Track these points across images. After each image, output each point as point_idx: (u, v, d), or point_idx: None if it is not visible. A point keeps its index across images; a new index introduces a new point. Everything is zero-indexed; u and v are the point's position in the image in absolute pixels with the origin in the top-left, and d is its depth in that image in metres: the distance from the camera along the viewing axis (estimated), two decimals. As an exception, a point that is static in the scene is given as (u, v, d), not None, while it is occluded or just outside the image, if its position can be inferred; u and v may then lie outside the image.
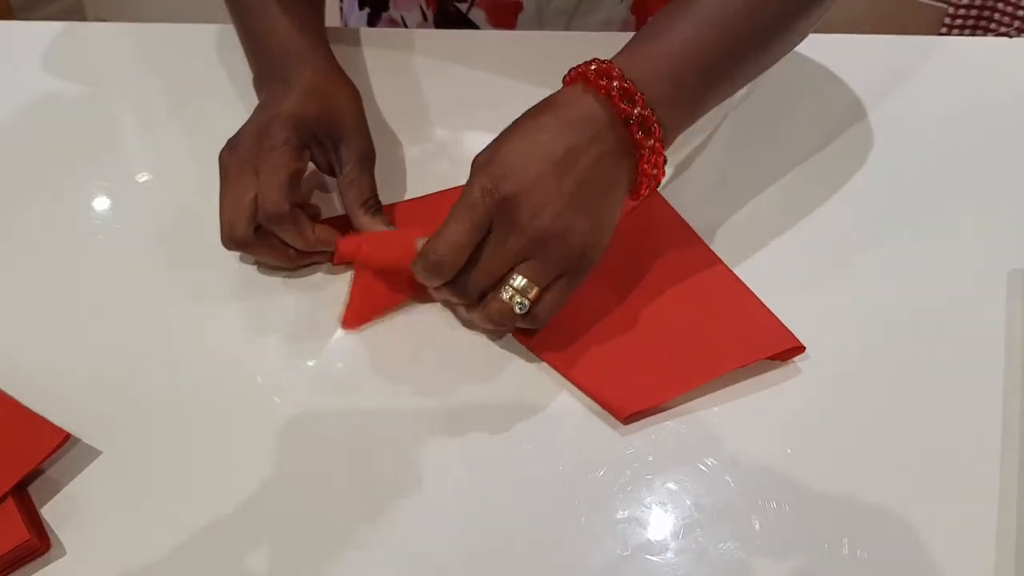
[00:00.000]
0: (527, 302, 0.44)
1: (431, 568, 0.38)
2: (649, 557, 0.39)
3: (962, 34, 1.91)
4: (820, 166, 0.60)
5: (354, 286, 0.50)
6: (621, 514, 0.40)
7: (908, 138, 0.63)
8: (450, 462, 0.42)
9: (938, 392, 0.46)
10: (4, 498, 0.39)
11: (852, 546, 0.39)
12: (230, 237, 0.48)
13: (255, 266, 0.52)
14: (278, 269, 0.51)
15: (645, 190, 0.48)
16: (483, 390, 0.46)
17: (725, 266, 0.52)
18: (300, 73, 0.52)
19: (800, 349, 0.47)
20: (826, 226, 0.56)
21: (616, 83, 0.45)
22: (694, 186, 0.58)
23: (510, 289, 0.44)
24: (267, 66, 0.55)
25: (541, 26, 0.77)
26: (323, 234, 0.50)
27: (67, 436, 0.41)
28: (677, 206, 0.56)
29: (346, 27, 0.84)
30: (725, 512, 0.40)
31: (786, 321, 0.48)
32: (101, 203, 0.57)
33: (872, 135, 0.63)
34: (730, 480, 0.42)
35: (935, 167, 0.61)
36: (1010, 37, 0.76)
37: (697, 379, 0.45)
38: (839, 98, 0.67)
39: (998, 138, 0.63)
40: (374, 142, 0.54)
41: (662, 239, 0.53)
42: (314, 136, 0.51)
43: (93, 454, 0.42)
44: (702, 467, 0.42)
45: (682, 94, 0.48)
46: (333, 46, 0.58)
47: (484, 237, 0.44)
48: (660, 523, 0.40)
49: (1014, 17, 1.83)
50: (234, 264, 0.52)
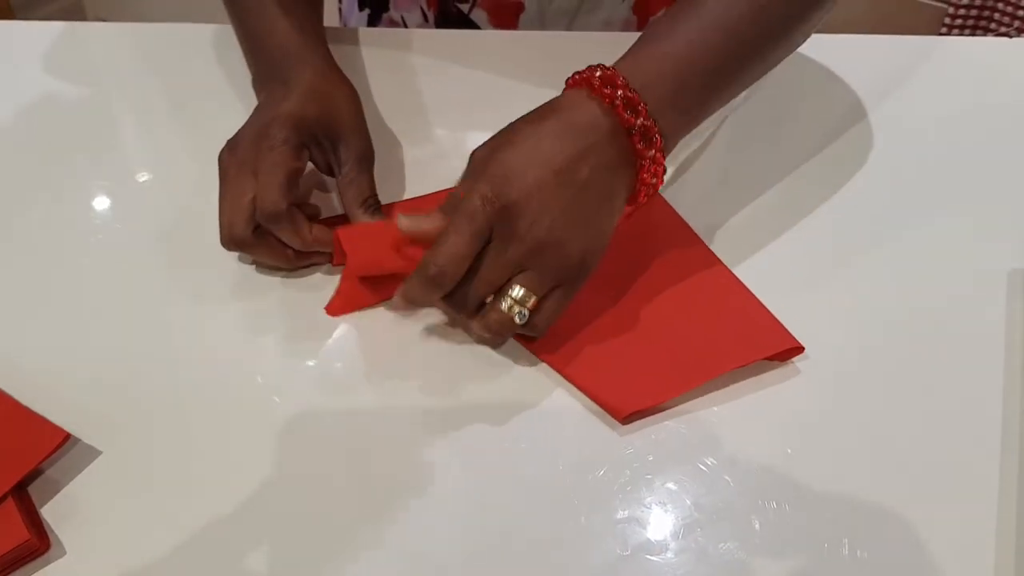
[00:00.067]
0: (526, 312, 0.44)
1: (431, 568, 0.38)
2: (649, 557, 0.39)
3: (962, 34, 1.91)
4: (820, 166, 0.60)
5: (345, 272, 0.50)
6: (621, 514, 0.40)
7: (908, 138, 0.63)
8: (450, 462, 0.42)
9: (938, 392, 0.46)
10: (4, 498, 0.39)
11: (852, 546, 0.39)
12: (229, 237, 0.48)
13: (255, 266, 0.52)
14: (277, 269, 0.51)
15: (643, 198, 0.48)
16: (483, 390, 0.46)
17: (724, 266, 0.52)
18: (299, 74, 0.52)
19: (799, 349, 0.47)
20: (826, 226, 0.56)
21: (620, 92, 0.45)
22: (694, 186, 0.58)
23: (509, 299, 0.44)
24: (266, 67, 0.55)
25: (543, 26, 0.77)
26: (320, 234, 0.50)
27: (67, 436, 0.41)
28: (677, 206, 0.56)
29: (346, 27, 0.84)
30: (725, 512, 0.40)
31: (786, 321, 0.48)
32: (101, 203, 0.57)
33: (872, 135, 0.63)
34: (730, 480, 0.42)
35: (935, 167, 0.61)
36: (1010, 37, 0.76)
37: (696, 379, 0.45)
38: (839, 98, 0.67)
39: (998, 138, 0.63)
40: (375, 142, 0.54)
41: (662, 239, 0.53)
42: (313, 136, 0.51)
43: (93, 454, 0.42)
44: (702, 467, 0.42)
45: (684, 102, 0.48)
46: (334, 46, 0.58)
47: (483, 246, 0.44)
48: (660, 523, 0.40)
49: (1014, 17, 1.83)
50: (234, 264, 0.52)
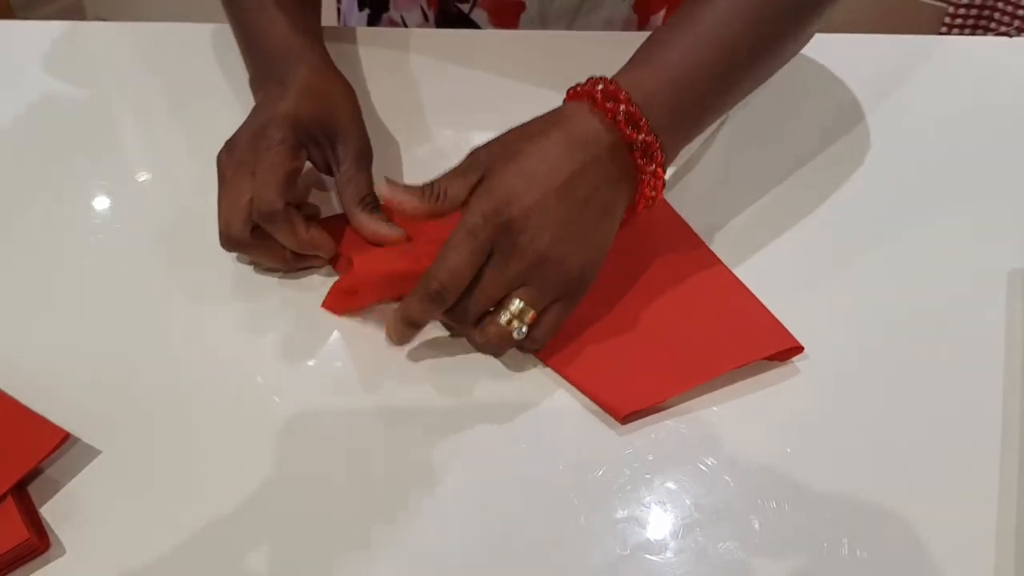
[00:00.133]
0: (525, 327, 0.45)
1: (431, 567, 0.38)
2: (648, 557, 0.39)
3: (962, 33, 1.91)
4: (820, 166, 0.60)
5: (346, 274, 0.49)
6: (620, 514, 0.40)
7: (908, 138, 0.63)
8: (449, 462, 0.42)
9: (938, 392, 0.46)
10: (4, 497, 0.39)
11: (852, 546, 0.39)
12: (227, 237, 0.48)
13: (255, 266, 0.52)
14: (277, 270, 0.51)
15: (642, 210, 0.48)
16: (482, 390, 0.46)
17: (724, 266, 0.52)
18: (296, 73, 0.52)
19: (799, 349, 0.47)
20: (826, 226, 0.56)
21: (623, 107, 0.45)
22: (695, 186, 0.58)
23: (507, 313, 0.44)
24: (263, 66, 0.55)
25: (543, 26, 0.77)
26: (316, 236, 0.49)
27: (67, 435, 0.41)
28: (677, 206, 0.56)
29: (346, 27, 0.84)
30: (724, 512, 0.40)
31: (786, 321, 0.48)
32: (101, 203, 0.57)
33: (872, 135, 0.63)
34: (729, 480, 0.42)
35: (935, 167, 0.61)
36: (1010, 37, 0.76)
37: (695, 379, 0.45)
38: (839, 98, 0.67)
39: (998, 138, 0.63)
40: (374, 142, 0.54)
41: (661, 239, 0.53)
42: (311, 136, 0.51)
43: (93, 453, 0.42)
44: (701, 467, 0.42)
45: (684, 116, 0.48)
46: (334, 46, 0.58)
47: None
48: (659, 523, 0.40)
49: (1014, 16, 1.83)
50: (234, 265, 0.52)
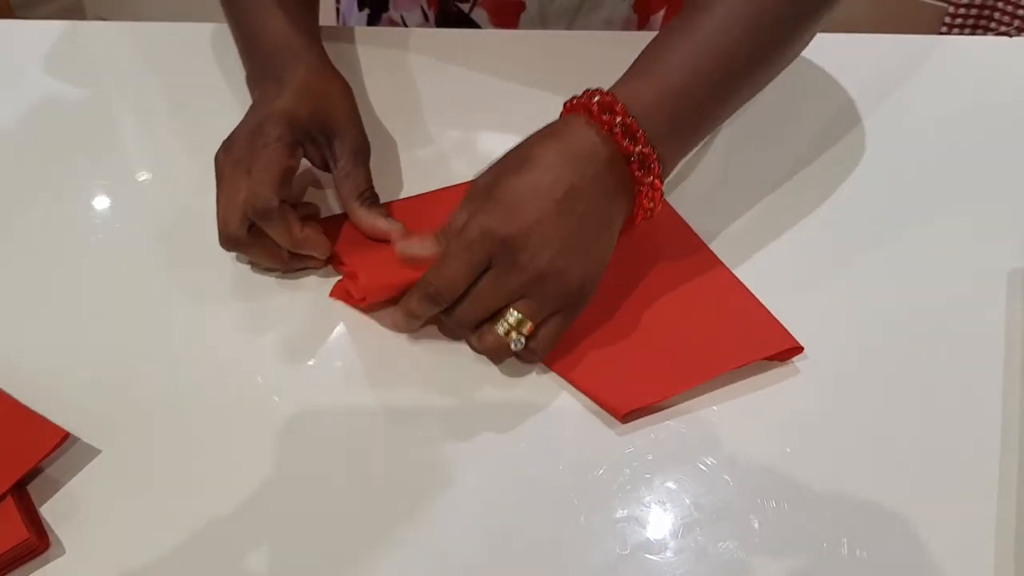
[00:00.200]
0: (523, 339, 0.45)
1: (430, 567, 0.38)
2: (648, 556, 0.39)
3: (962, 33, 1.91)
4: (820, 166, 0.60)
5: (353, 282, 0.50)
6: (620, 513, 0.40)
7: (908, 138, 0.63)
8: (449, 461, 0.42)
9: (938, 392, 0.46)
10: (3, 497, 0.39)
11: (851, 545, 0.39)
12: (224, 236, 0.49)
13: (253, 266, 0.52)
14: (275, 270, 0.51)
15: (640, 221, 0.48)
16: (482, 389, 0.46)
17: (724, 266, 0.52)
18: (293, 71, 0.52)
19: (798, 350, 0.47)
20: (826, 226, 0.56)
21: (619, 119, 0.45)
22: (695, 187, 0.58)
23: (505, 324, 0.45)
24: (261, 64, 0.55)
25: (544, 25, 0.77)
26: (311, 235, 0.49)
27: (66, 435, 0.41)
28: (677, 207, 0.56)
29: (346, 27, 0.84)
30: (724, 511, 0.40)
31: (786, 321, 0.48)
32: (101, 203, 0.57)
33: (872, 135, 0.63)
34: (729, 479, 0.42)
35: (935, 167, 0.61)
36: (1010, 36, 0.76)
37: (695, 379, 0.45)
38: (839, 98, 0.67)
39: (998, 138, 0.63)
40: (374, 142, 0.54)
41: (662, 239, 0.53)
42: (308, 133, 0.51)
43: (92, 453, 0.42)
44: (701, 466, 0.42)
45: (681, 127, 0.48)
46: (334, 45, 0.58)
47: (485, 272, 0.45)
48: (659, 522, 0.40)
49: (1014, 16, 1.83)
50: (234, 264, 0.52)
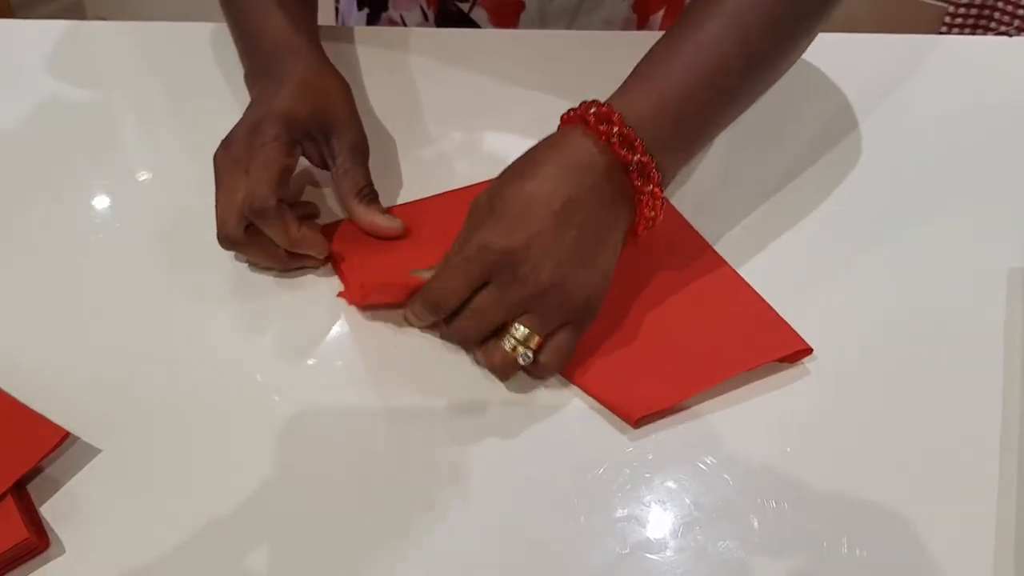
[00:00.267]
0: (530, 353, 0.44)
1: (430, 566, 0.38)
2: (648, 555, 0.39)
3: (962, 33, 1.91)
4: (820, 166, 0.60)
5: (346, 267, 0.50)
6: (620, 512, 0.40)
7: (908, 138, 0.63)
8: (449, 461, 0.42)
9: (938, 392, 0.46)
10: (3, 496, 0.39)
11: (851, 545, 0.39)
12: (223, 235, 0.49)
13: (251, 265, 0.52)
14: (274, 269, 0.51)
15: (643, 231, 0.47)
16: (482, 389, 0.46)
17: (731, 269, 0.52)
18: (291, 69, 0.52)
19: (808, 351, 0.47)
20: (826, 226, 0.56)
21: (616, 128, 0.45)
22: (694, 187, 0.58)
23: (512, 339, 0.44)
24: (259, 63, 0.55)
25: (543, 25, 0.77)
26: (309, 234, 0.49)
27: (66, 434, 0.41)
28: (677, 207, 0.56)
29: (345, 26, 0.84)
30: (724, 511, 0.40)
31: (786, 321, 0.48)
32: (101, 202, 0.57)
33: (872, 135, 0.63)
34: (729, 479, 0.42)
35: (935, 167, 0.61)
36: (1010, 36, 0.76)
37: (706, 382, 0.45)
38: (839, 98, 0.67)
39: (998, 138, 0.63)
40: (373, 142, 0.54)
41: (668, 243, 0.53)
42: (306, 132, 0.51)
43: (92, 452, 0.42)
44: (701, 466, 0.42)
45: (680, 135, 0.47)
46: (333, 45, 0.58)
47: (486, 286, 0.45)
48: (659, 521, 0.40)
49: (1014, 16, 1.83)
50: (234, 264, 0.52)
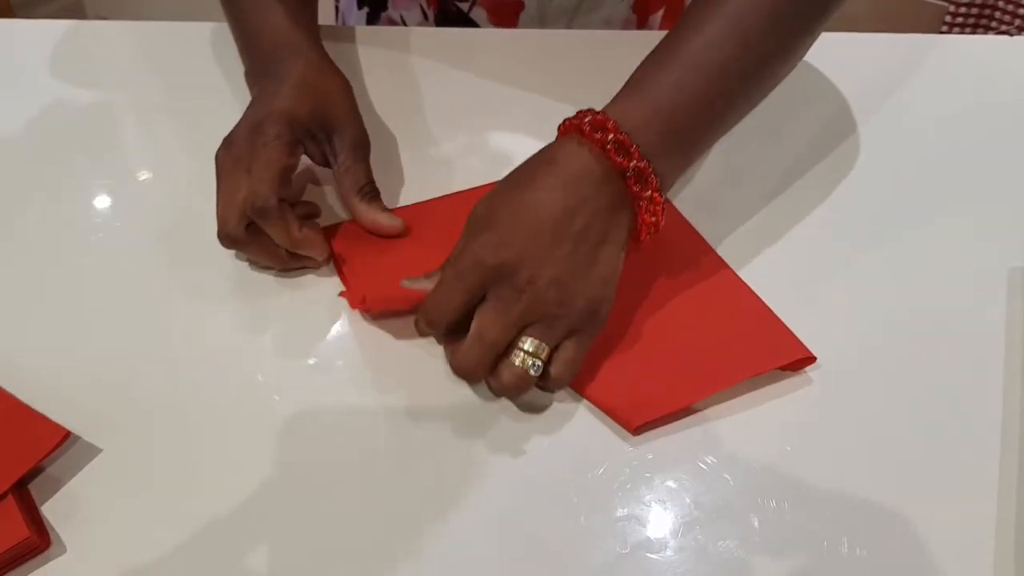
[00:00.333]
0: (540, 363, 0.44)
1: (430, 566, 0.38)
2: (648, 555, 0.39)
3: (963, 32, 1.91)
4: (820, 166, 0.60)
5: (348, 270, 0.50)
6: (620, 512, 0.40)
7: (908, 138, 0.63)
8: (449, 461, 0.42)
9: (938, 392, 0.46)
10: (4, 495, 0.39)
11: (851, 544, 0.39)
12: (223, 234, 0.49)
13: (252, 265, 0.52)
14: (274, 268, 0.51)
15: (645, 236, 0.47)
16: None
17: (734, 274, 0.51)
18: (292, 68, 0.52)
19: (811, 359, 0.46)
20: (826, 226, 0.56)
21: (611, 135, 0.44)
22: (694, 187, 0.58)
23: (520, 353, 0.43)
24: (260, 61, 0.55)
25: (543, 25, 0.77)
26: (309, 234, 0.50)
27: (67, 434, 0.41)
28: (678, 207, 0.56)
29: (345, 26, 0.84)
30: (724, 510, 0.40)
31: (785, 321, 0.48)
32: (101, 202, 0.57)
33: (872, 135, 0.63)
34: (729, 478, 0.42)
35: (935, 167, 0.61)
36: (1011, 35, 0.76)
37: (707, 390, 0.45)
38: (839, 98, 0.67)
39: (998, 137, 0.63)
40: (373, 141, 0.54)
41: (672, 248, 0.53)
42: (307, 131, 0.51)
43: (93, 452, 0.42)
44: (701, 465, 0.42)
45: (677, 141, 0.47)
46: (333, 44, 0.58)
47: (485, 302, 0.44)
48: (659, 521, 0.40)
49: (1015, 16, 1.83)
50: (234, 263, 0.52)
